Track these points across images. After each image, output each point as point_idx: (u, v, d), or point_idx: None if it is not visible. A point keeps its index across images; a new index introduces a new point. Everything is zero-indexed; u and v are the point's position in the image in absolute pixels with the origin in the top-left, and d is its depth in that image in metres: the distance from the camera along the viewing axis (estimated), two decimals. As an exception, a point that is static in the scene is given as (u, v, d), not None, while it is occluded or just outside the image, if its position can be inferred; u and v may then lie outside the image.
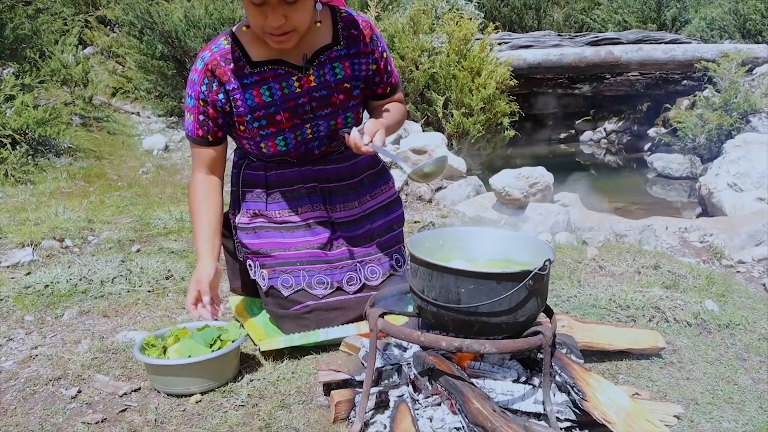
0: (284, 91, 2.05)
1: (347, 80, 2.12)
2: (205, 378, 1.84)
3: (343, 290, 2.14)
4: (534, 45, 6.67)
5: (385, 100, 2.26)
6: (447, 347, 1.52)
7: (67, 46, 6.68)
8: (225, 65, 2.01)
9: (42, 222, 3.34)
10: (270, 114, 2.05)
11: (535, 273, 1.48)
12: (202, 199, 2.11)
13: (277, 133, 2.07)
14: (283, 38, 1.92)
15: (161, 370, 1.83)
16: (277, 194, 2.19)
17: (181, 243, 3.12)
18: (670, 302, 2.42)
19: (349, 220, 2.23)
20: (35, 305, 2.46)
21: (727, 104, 5.55)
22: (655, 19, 8.32)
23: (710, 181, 4.67)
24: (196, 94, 2.04)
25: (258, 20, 1.89)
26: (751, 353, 2.17)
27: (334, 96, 2.10)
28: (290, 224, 2.17)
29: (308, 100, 2.08)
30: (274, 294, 2.14)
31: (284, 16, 1.87)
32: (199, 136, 2.09)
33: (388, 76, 2.23)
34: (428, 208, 3.88)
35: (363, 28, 2.13)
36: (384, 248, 2.25)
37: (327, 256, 2.15)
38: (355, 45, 2.12)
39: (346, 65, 2.11)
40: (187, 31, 6.22)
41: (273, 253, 2.15)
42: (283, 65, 2.04)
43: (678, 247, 3.43)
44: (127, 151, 5.59)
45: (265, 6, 1.85)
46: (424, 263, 1.55)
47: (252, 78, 2.03)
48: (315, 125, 2.11)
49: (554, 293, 2.51)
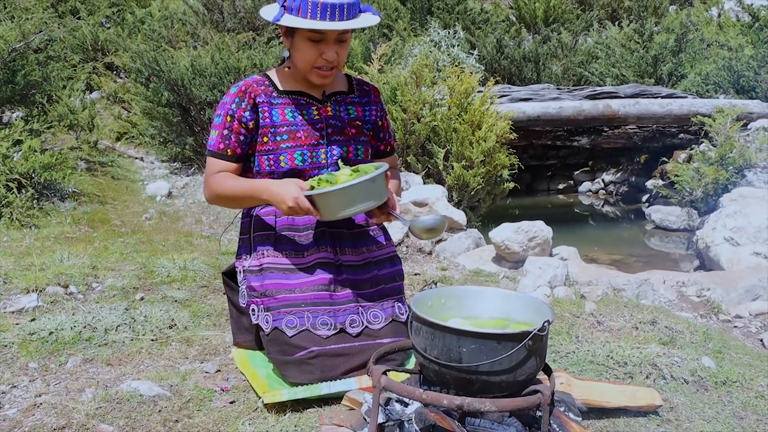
0: (304, 117, 2.32)
1: (359, 119, 2.42)
2: (377, 195, 2.13)
3: (346, 332, 2.20)
4: (533, 98, 6.79)
5: (384, 159, 2.51)
6: (448, 405, 1.55)
7: (74, 92, 6.80)
8: (257, 87, 2.31)
9: (47, 267, 3.38)
10: (292, 131, 2.29)
11: (534, 334, 1.53)
12: (230, 176, 2.28)
13: (297, 147, 2.28)
14: (329, 73, 2.27)
15: (356, 188, 2.06)
16: (286, 237, 2.31)
17: (185, 292, 3.15)
18: (667, 359, 2.45)
19: (356, 264, 2.33)
20: (39, 352, 2.48)
21: (723, 159, 5.64)
22: (652, 73, 8.48)
23: (707, 234, 4.72)
24: (225, 111, 2.28)
25: (311, 56, 2.22)
26: (748, 411, 2.20)
27: (347, 129, 2.37)
28: (297, 265, 2.27)
29: (325, 126, 2.33)
30: (278, 338, 2.17)
31: (336, 53, 2.21)
32: (219, 149, 2.28)
33: (389, 136, 2.56)
34: (428, 260, 3.93)
35: (372, 89, 2.52)
36: (387, 295, 2.33)
37: (331, 298, 2.23)
38: (367, 96, 2.48)
39: (359, 109, 2.43)
40: (193, 79, 6.34)
41: (278, 295, 2.22)
42: (306, 96, 2.35)
43: (675, 301, 3.47)
44: (130, 196, 5.65)
45: (322, 43, 2.19)
46: (426, 323, 1.60)
47: (279, 100, 2.32)
48: (329, 150, 2.32)
49: (553, 348, 2.54)
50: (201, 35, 8.38)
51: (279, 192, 2.15)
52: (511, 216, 5.10)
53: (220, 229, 4.70)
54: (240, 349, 2.44)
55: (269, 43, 7.47)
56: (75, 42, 8.66)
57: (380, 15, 2.34)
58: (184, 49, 6.92)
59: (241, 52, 6.60)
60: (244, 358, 2.38)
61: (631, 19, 10.62)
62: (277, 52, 6.76)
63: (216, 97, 6.32)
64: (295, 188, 2.13)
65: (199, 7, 9.65)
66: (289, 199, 2.11)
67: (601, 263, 4.92)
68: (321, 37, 2.19)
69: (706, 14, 10.40)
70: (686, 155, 6.55)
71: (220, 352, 2.54)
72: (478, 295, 1.82)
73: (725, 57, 7.83)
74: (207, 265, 3.54)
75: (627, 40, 9.04)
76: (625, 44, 8.96)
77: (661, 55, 8.48)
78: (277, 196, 2.14)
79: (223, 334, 2.66)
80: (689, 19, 9.30)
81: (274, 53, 6.68)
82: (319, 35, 2.19)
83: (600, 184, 8.17)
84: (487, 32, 9.80)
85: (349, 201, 2.10)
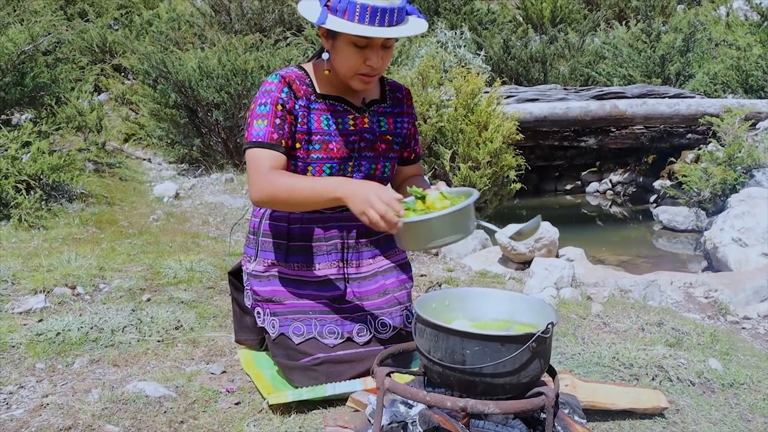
0: (339, 126, 2.18)
1: (389, 133, 2.29)
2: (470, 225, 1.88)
3: (353, 341, 2.17)
4: (540, 98, 6.78)
5: (408, 167, 2.42)
6: (452, 407, 1.55)
7: (82, 93, 6.83)
8: (299, 84, 2.15)
9: (54, 269, 3.40)
10: (324, 141, 2.16)
11: (538, 336, 1.53)
12: (286, 174, 2.07)
13: (326, 160, 2.15)
14: (372, 79, 2.12)
15: (454, 216, 1.80)
16: (297, 248, 2.24)
17: (191, 293, 3.17)
18: (673, 361, 2.44)
19: (363, 275, 2.29)
20: (46, 353, 2.49)
21: (731, 159, 5.61)
22: (660, 73, 8.46)
23: (715, 235, 4.70)
24: (274, 100, 2.10)
25: (355, 62, 2.07)
26: (755, 414, 2.19)
27: (377, 143, 2.25)
28: (305, 279, 2.23)
29: (359, 139, 2.21)
30: (284, 342, 2.16)
31: (381, 58, 2.08)
32: (273, 140, 2.08)
33: (415, 142, 2.43)
34: (435, 261, 3.93)
35: (405, 96, 2.38)
36: (395, 304, 2.29)
37: (339, 308, 2.20)
38: (399, 106, 2.35)
39: (390, 121, 2.31)
40: (200, 81, 6.37)
41: (285, 301, 2.19)
42: (343, 103, 2.21)
43: (683, 302, 3.45)
44: (138, 197, 5.67)
45: (367, 49, 2.05)
46: (430, 324, 1.60)
47: (317, 104, 2.17)
48: (357, 164, 2.22)
49: (558, 350, 2.54)
50: (208, 37, 8.42)
51: (365, 191, 1.87)
52: (518, 217, 5.09)
53: (227, 230, 4.71)
54: (245, 350, 2.45)
55: (276, 44, 7.49)
56: (83, 44, 8.72)
57: (425, 18, 2.15)
58: (191, 51, 6.95)
59: (249, 53, 6.62)
60: (249, 359, 2.39)
61: (639, 19, 10.60)
62: (284, 54, 6.77)
63: (223, 99, 6.35)
64: (387, 191, 1.88)
65: (207, 8, 9.70)
66: (380, 203, 1.81)
67: (609, 264, 4.91)
68: (367, 42, 2.04)
69: (714, 13, 10.37)
70: (694, 155, 6.53)
71: (225, 353, 2.55)
72: (482, 297, 1.82)
73: (733, 56, 7.80)
74: (214, 266, 3.55)
75: (634, 40, 9.02)
76: (633, 44, 8.93)
77: (668, 54, 8.46)
78: (362, 194, 1.86)
79: (229, 336, 2.67)
80: (697, 19, 9.26)
81: (282, 55, 6.70)
82: (365, 41, 2.04)
83: (607, 184, 8.15)
84: (494, 33, 9.79)
85: (444, 230, 1.85)
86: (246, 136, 2.12)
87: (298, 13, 3.81)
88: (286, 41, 7.79)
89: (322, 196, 1.97)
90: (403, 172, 2.42)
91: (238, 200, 5.53)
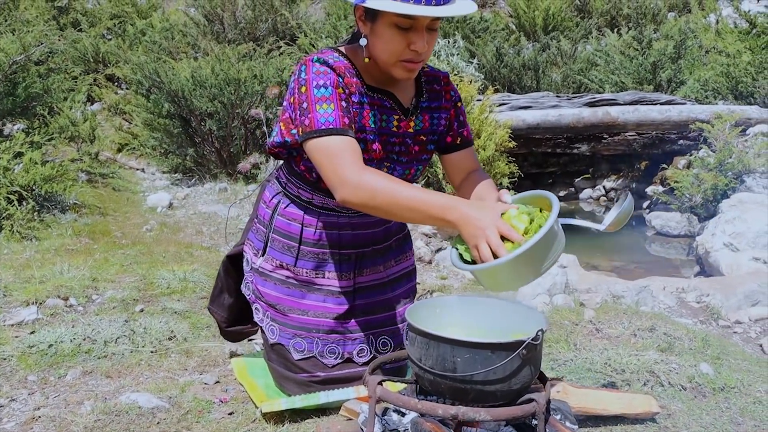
0: (382, 124, 1.99)
1: (424, 133, 2.09)
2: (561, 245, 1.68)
3: (353, 361, 2.14)
4: (533, 106, 6.81)
5: (458, 154, 2.15)
6: (443, 414, 1.56)
7: (75, 103, 6.83)
8: (349, 77, 1.93)
9: (47, 280, 3.40)
10: (368, 140, 1.96)
11: (528, 343, 1.54)
12: (389, 177, 1.81)
13: (367, 161, 1.92)
14: (416, 66, 1.90)
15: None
16: (310, 253, 2.12)
17: (185, 303, 3.17)
18: (665, 366, 2.45)
19: (372, 284, 2.20)
20: (39, 365, 2.49)
21: (722, 164, 5.65)
22: (651, 80, 8.50)
23: (707, 240, 4.72)
24: (333, 82, 1.87)
25: (398, 46, 1.84)
26: (745, 417, 2.20)
27: (412, 146, 2.07)
28: (314, 285, 2.13)
29: (399, 142, 2.04)
30: (282, 353, 2.13)
31: (427, 42, 1.85)
32: (345, 125, 1.84)
33: (459, 125, 2.16)
34: (428, 269, 3.94)
35: (444, 84, 2.14)
36: (399, 321, 2.23)
37: (342, 327, 2.13)
38: (437, 99, 2.12)
39: (426, 118, 2.08)
40: (194, 90, 6.38)
41: (290, 314, 2.12)
42: (392, 99, 2.01)
43: (675, 307, 3.47)
44: (131, 207, 5.67)
45: (411, 31, 1.82)
46: (421, 332, 1.61)
47: (365, 98, 1.96)
48: (392, 168, 2.04)
49: (551, 357, 2.55)
50: (201, 46, 8.45)
51: (483, 222, 1.67)
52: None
53: (220, 239, 4.71)
54: (239, 360, 2.45)
55: (269, 54, 7.51)
56: (76, 54, 8.72)
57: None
58: (184, 61, 6.97)
59: (242, 63, 6.63)
60: (242, 368, 2.39)
61: (630, 26, 10.67)
62: (277, 63, 6.79)
63: (216, 108, 6.35)
64: (503, 222, 1.68)
65: (200, 18, 9.73)
66: (495, 237, 1.64)
67: (602, 270, 4.92)
68: (411, 23, 1.81)
69: (704, 21, 10.44)
70: (686, 161, 6.56)
71: (219, 363, 2.55)
72: (473, 305, 1.83)
73: (723, 63, 7.85)
74: (207, 276, 3.55)
75: (626, 47, 9.07)
76: (624, 51, 8.98)
77: (659, 61, 8.50)
78: (480, 224, 1.67)
79: (222, 345, 2.67)
80: (688, 26, 9.32)
81: (275, 64, 6.71)
82: (410, 21, 1.80)
83: (601, 190, 8.17)
84: (486, 41, 9.83)
85: (538, 261, 1.64)
86: (309, 124, 1.84)
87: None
88: (279, 50, 7.81)
89: (429, 215, 1.73)
90: (456, 163, 2.16)
91: (232, 210, 5.53)
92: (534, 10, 11.34)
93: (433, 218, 1.73)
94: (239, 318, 2.41)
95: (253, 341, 2.72)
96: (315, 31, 9.09)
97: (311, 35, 8.53)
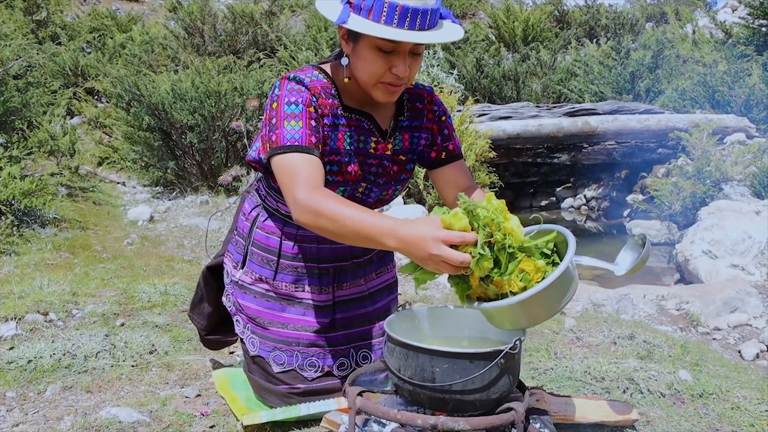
0: (359, 145, 1.97)
1: (403, 152, 2.06)
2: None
3: (333, 374, 2.14)
4: (513, 116, 6.87)
5: (447, 168, 2.10)
6: (423, 425, 1.57)
7: (55, 117, 6.80)
8: (325, 98, 1.90)
9: (26, 295, 3.36)
10: (343, 162, 1.94)
11: (506, 352, 1.55)
12: (337, 198, 1.73)
13: (342, 183, 1.94)
14: (397, 89, 1.86)
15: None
16: (289, 267, 2.11)
17: (165, 317, 3.15)
18: (644, 373, 2.48)
19: (352, 298, 2.19)
20: (17, 381, 2.47)
21: (700, 173, 5.73)
22: (630, 90, 8.61)
23: (686, 248, 4.77)
24: (305, 100, 1.84)
25: (379, 69, 1.81)
26: (723, 423, 2.22)
27: (389, 166, 2.03)
28: (294, 299, 2.12)
29: (377, 164, 2.01)
30: (262, 365, 2.13)
31: (409, 66, 1.83)
32: (312, 144, 1.81)
33: (443, 139, 2.11)
34: (409, 280, 3.94)
35: (427, 103, 2.10)
36: (379, 335, 2.22)
37: (322, 340, 2.13)
38: (419, 119, 2.08)
39: (405, 137, 2.05)
40: (174, 103, 6.37)
41: (270, 327, 2.12)
42: (370, 120, 1.99)
43: (655, 315, 3.50)
44: (112, 221, 5.64)
45: (393, 55, 1.80)
46: (399, 343, 1.62)
47: (342, 120, 1.93)
48: (368, 189, 2.02)
49: (531, 366, 2.56)
50: (182, 59, 8.44)
51: (418, 236, 1.55)
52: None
53: (202, 252, 4.70)
54: (220, 373, 2.44)
55: (249, 66, 7.52)
56: (55, 67, 8.69)
57: (461, 24, 1.89)
58: (164, 74, 6.96)
59: (222, 75, 6.64)
60: (224, 381, 2.38)
61: (609, 37, 10.81)
62: (257, 75, 6.80)
63: (197, 121, 6.35)
64: (443, 230, 1.55)
65: (180, 31, 9.72)
66: (449, 253, 1.52)
67: (583, 278, 4.96)
68: (394, 47, 1.78)
69: (682, 31, 10.59)
70: (665, 170, 6.64)
71: (200, 376, 2.54)
72: (452, 315, 1.84)
73: (700, 73, 7.98)
74: (188, 289, 3.54)
75: (605, 57, 9.19)
76: (603, 61, 9.10)
77: (638, 71, 8.62)
78: (418, 241, 1.55)
79: (203, 359, 2.66)
80: (665, 36, 9.47)
81: (255, 77, 6.72)
82: (392, 45, 1.77)
83: (582, 200, 8.24)
84: (466, 51, 9.92)
85: (553, 301, 1.58)
86: (275, 140, 1.82)
87: (318, 12, 2.72)
88: (259, 63, 7.83)
89: (373, 240, 1.64)
90: (445, 179, 2.10)
91: (213, 222, 5.51)
92: (514, 20, 11.46)
93: (377, 243, 1.63)
94: (219, 327, 2.42)
95: (234, 354, 2.71)
96: (295, 43, 9.12)
97: (291, 47, 8.56)
